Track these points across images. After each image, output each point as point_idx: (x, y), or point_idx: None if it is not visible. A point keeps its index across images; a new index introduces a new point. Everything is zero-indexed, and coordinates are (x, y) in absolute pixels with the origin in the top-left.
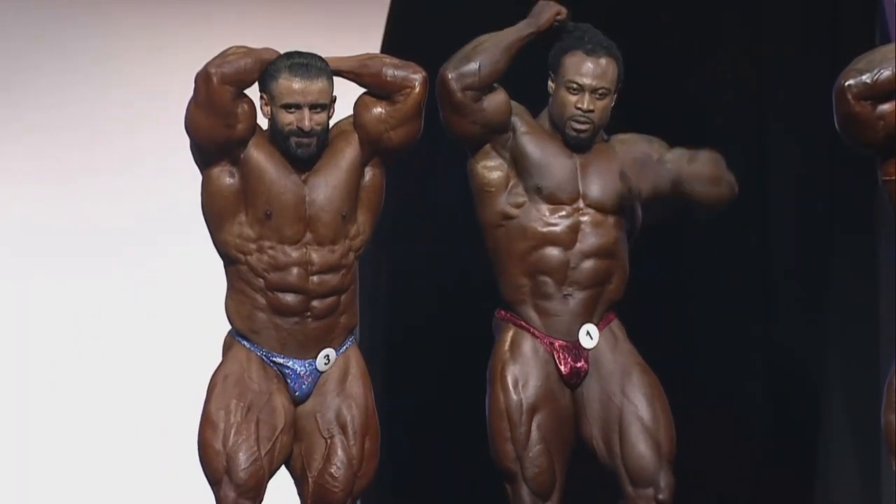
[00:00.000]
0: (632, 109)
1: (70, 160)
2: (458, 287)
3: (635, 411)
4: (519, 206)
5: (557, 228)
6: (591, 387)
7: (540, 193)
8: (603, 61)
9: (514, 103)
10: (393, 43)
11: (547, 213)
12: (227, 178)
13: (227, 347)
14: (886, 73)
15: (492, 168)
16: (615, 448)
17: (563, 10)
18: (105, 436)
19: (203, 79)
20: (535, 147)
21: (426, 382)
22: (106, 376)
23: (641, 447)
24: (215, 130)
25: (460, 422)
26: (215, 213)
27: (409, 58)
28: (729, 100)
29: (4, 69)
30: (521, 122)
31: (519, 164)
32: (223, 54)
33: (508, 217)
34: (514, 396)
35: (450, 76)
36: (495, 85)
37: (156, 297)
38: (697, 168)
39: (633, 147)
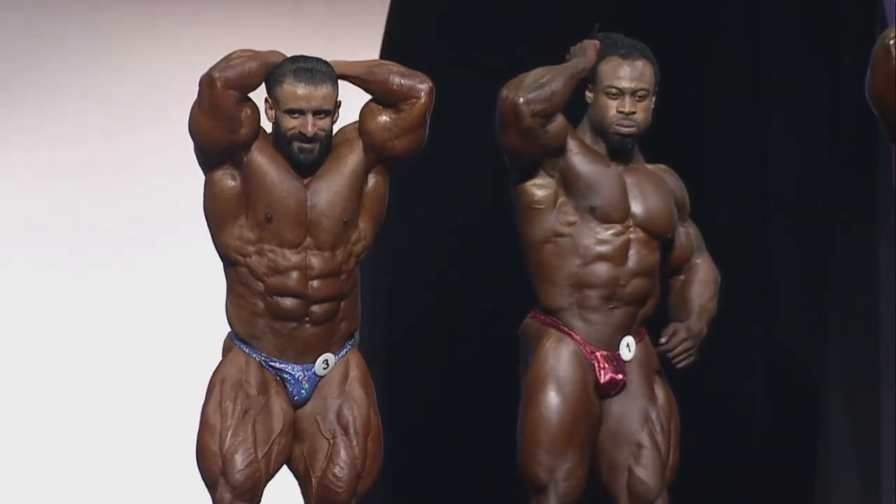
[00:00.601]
0: None
1: (70, 159)
2: (458, 287)
3: (653, 435)
4: (570, 223)
5: (610, 247)
6: (615, 399)
7: (594, 213)
8: (639, 63)
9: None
10: (393, 43)
11: (599, 231)
12: (229, 180)
13: (227, 350)
14: None
15: (540, 186)
16: (621, 466)
17: (598, 43)
18: (105, 436)
19: (207, 83)
20: (587, 167)
21: (426, 382)
22: (106, 376)
23: (649, 471)
24: (218, 134)
25: (460, 422)
26: (216, 215)
27: (408, 58)
28: (729, 100)
29: (4, 69)
30: (572, 143)
31: (569, 184)
32: (227, 58)
33: (559, 234)
34: (555, 406)
35: (521, 101)
36: None
37: (156, 297)
38: (701, 267)
39: (678, 184)
